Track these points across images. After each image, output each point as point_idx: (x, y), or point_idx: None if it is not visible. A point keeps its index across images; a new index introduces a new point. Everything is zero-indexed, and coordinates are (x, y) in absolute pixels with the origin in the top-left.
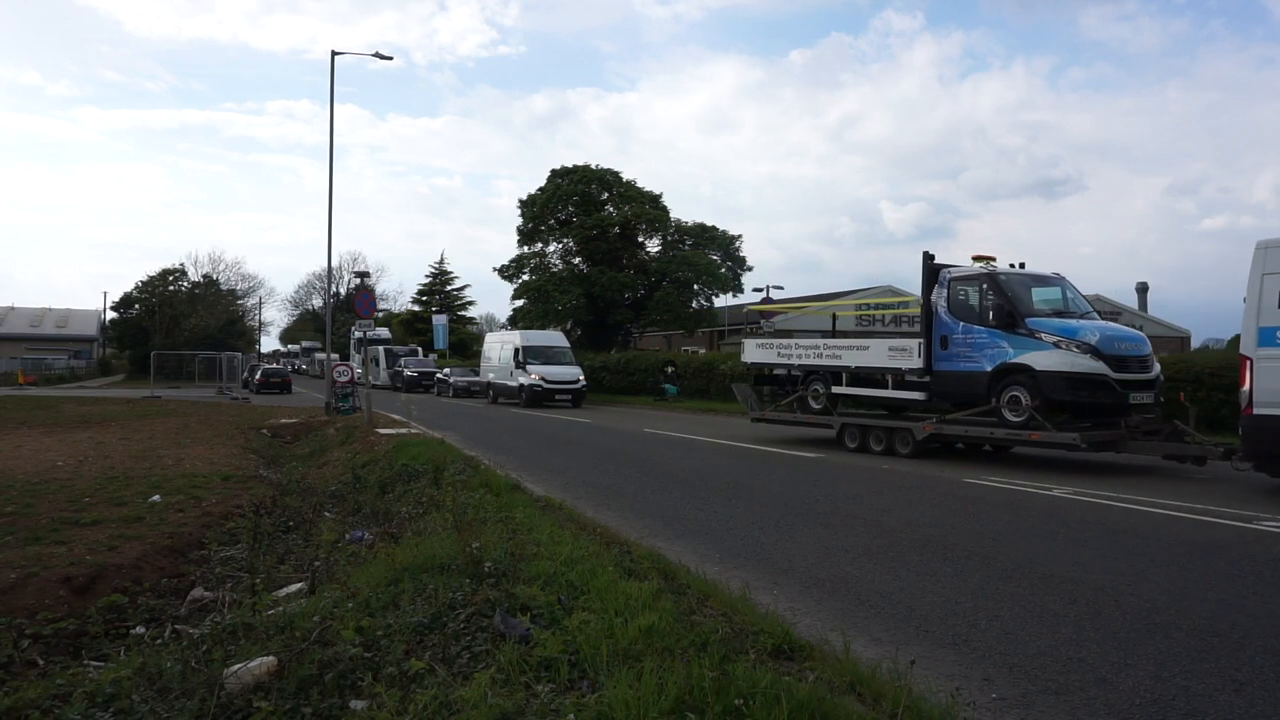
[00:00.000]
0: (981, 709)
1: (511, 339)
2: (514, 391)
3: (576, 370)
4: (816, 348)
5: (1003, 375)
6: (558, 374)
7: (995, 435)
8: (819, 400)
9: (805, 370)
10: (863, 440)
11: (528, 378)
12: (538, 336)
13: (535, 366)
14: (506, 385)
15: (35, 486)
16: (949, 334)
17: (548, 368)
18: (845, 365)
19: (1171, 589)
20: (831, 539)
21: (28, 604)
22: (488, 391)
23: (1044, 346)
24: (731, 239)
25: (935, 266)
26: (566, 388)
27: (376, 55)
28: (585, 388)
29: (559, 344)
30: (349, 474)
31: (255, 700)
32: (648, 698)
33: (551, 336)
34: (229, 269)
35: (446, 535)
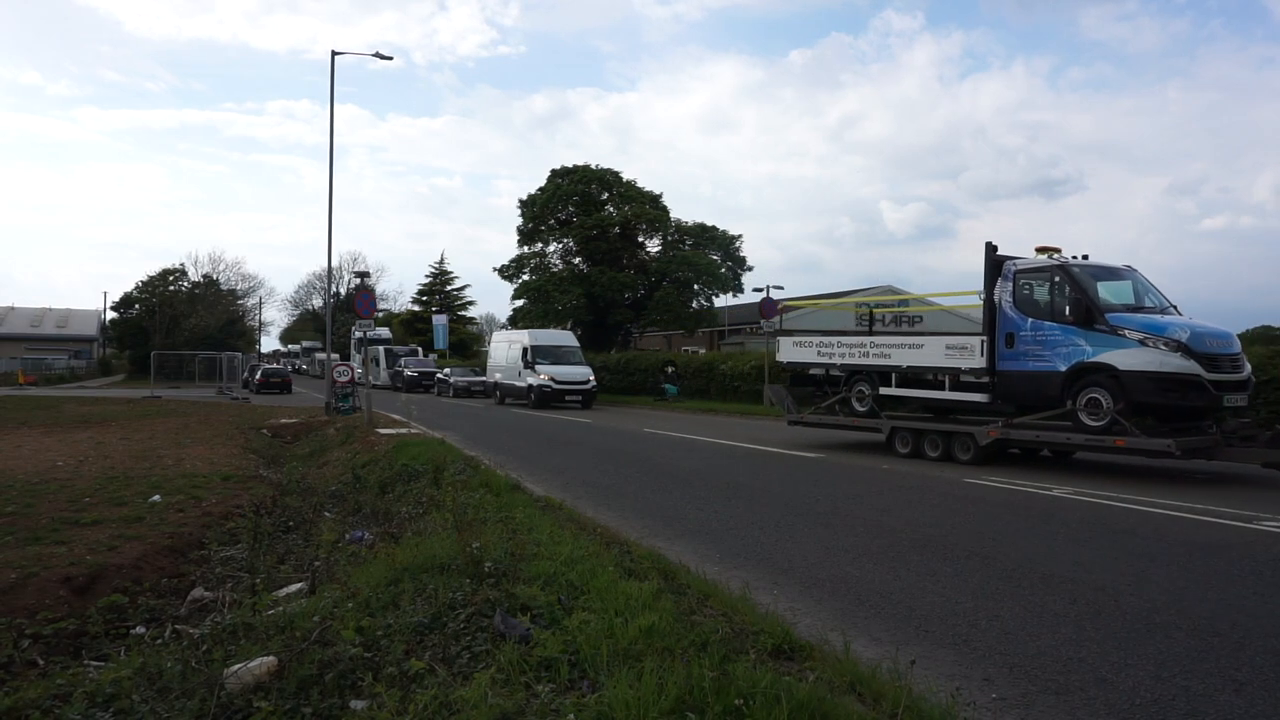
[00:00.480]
0: (981, 709)
1: (519, 338)
2: (522, 392)
3: (587, 370)
4: (862, 346)
5: (1079, 376)
6: (567, 374)
7: (1073, 441)
8: (864, 402)
9: (849, 370)
10: (916, 445)
11: (536, 378)
12: (547, 336)
13: (544, 366)
14: (514, 386)
15: (35, 486)
16: (1015, 331)
17: (557, 368)
18: (895, 365)
19: (1171, 589)
20: (831, 539)
21: (28, 604)
22: (494, 392)
23: (1128, 344)
24: (731, 239)
25: (998, 258)
26: (577, 388)
27: (377, 55)
28: (596, 388)
29: (569, 343)
30: (349, 474)
31: (255, 700)
32: (648, 698)
33: (561, 336)
34: (229, 269)
35: (446, 535)
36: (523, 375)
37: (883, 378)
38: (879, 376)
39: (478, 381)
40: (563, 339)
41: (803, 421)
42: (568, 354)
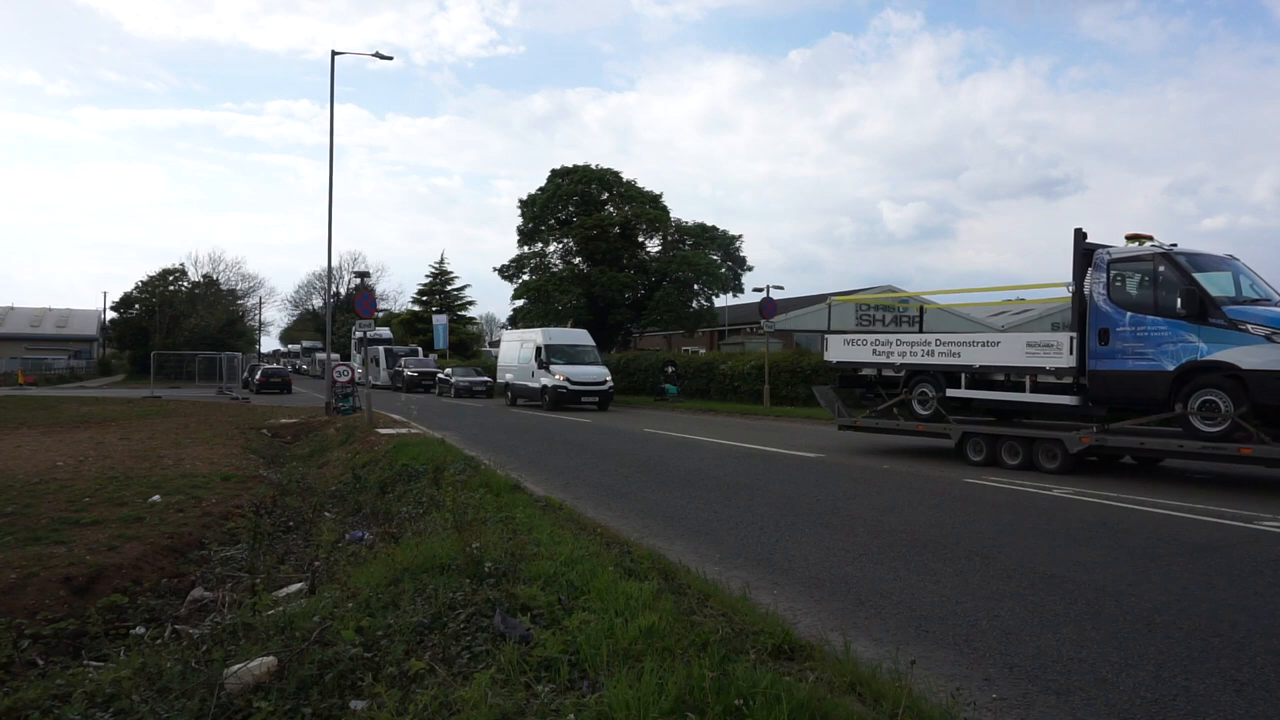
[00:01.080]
0: (982, 709)
1: (532, 337)
2: (535, 393)
3: (603, 371)
4: (927, 344)
5: (1190, 376)
6: (583, 375)
7: (1186, 449)
8: (927, 405)
9: (910, 370)
10: (991, 452)
11: (551, 379)
12: (561, 335)
13: (559, 367)
14: (527, 386)
15: (35, 486)
16: (1111, 326)
17: (573, 368)
18: (965, 365)
19: (1171, 589)
20: (831, 539)
21: (28, 604)
22: (505, 393)
23: (1252, 340)
24: (732, 239)
25: (1088, 247)
26: (593, 389)
27: (377, 55)
28: (613, 389)
29: (584, 343)
30: (349, 474)
31: (255, 700)
32: (648, 698)
33: (576, 334)
34: (229, 269)
35: (446, 535)
36: (536, 376)
37: (949, 378)
38: (945, 377)
39: (480, 381)
40: (578, 338)
41: (856, 426)
42: (583, 354)
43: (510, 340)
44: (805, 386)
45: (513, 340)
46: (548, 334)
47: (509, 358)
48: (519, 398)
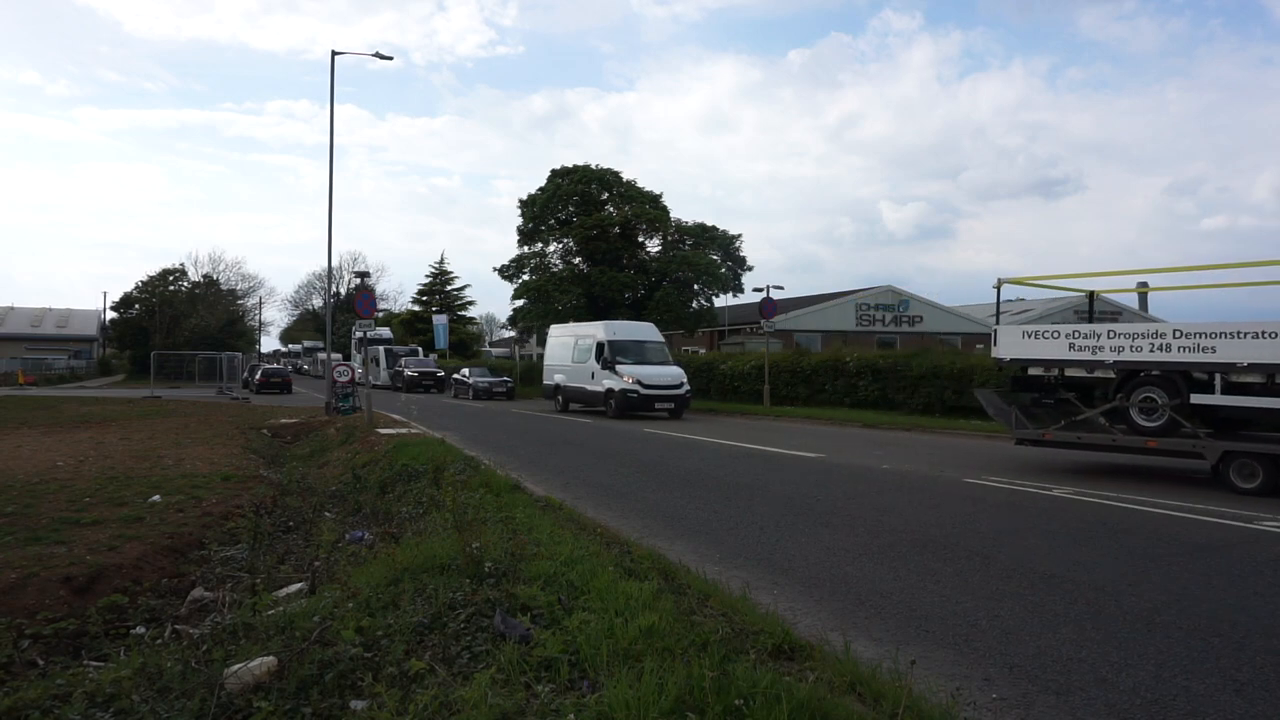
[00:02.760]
0: (982, 709)
1: (591, 332)
2: (596, 397)
3: (678, 372)
4: (1159, 336)
5: None
6: (656, 376)
7: None
8: (1155, 415)
9: (1128, 369)
10: (1272, 477)
11: (618, 381)
12: (626, 329)
13: (628, 367)
14: (584, 390)
15: (35, 486)
16: None
17: (643, 368)
18: (1221, 362)
19: (1171, 589)
20: (831, 539)
21: (28, 604)
22: (554, 397)
23: None
24: (731, 239)
25: None
26: (668, 394)
27: (377, 55)
28: (690, 394)
29: (653, 338)
30: (349, 474)
31: (255, 700)
32: (648, 698)
33: (642, 329)
34: (229, 269)
35: (446, 535)
36: (597, 378)
37: (1188, 380)
38: (1182, 379)
39: (501, 382)
40: (646, 332)
41: (1045, 441)
42: (653, 351)
43: (561, 336)
44: (805, 386)
45: (564, 336)
46: (610, 328)
47: (559, 356)
48: (572, 402)
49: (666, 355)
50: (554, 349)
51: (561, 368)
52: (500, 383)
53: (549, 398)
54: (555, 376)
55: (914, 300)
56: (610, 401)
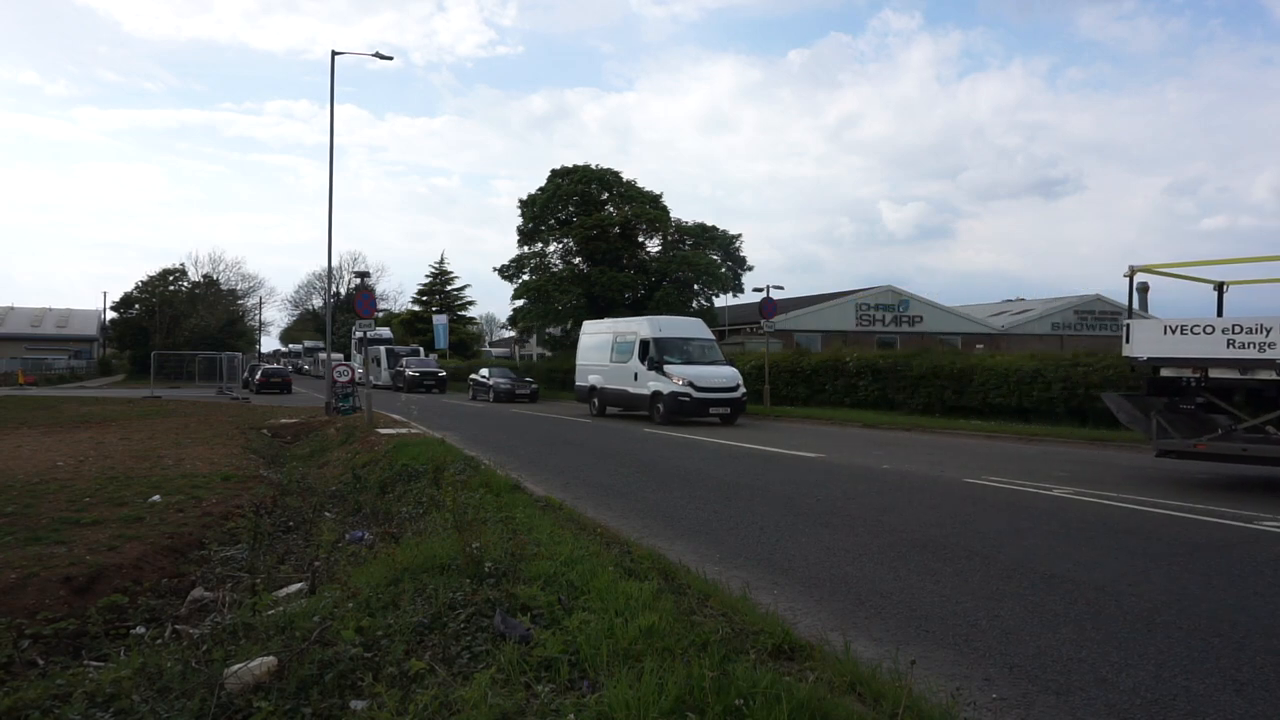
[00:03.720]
0: (982, 709)
1: (633, 328)
2: (638, 401)
3: (733, 372)
4: None
5: None
6: (710, 378)
7: None
8: None
9: None
10: None
11: (667, 383)
12: (674, 324)
13: (677, 367)
14: (625, 393)
15: (35, 486)
16: None
17: (695, 369)
18: None
19: (1171, 589)
20: (831, 539)
21: (28, 604)
22: (589, 400)
23: None
24: (731, 239)
25: None
26: (724, 398)
27: (377, 55)
28: (746, 397)
29: (702, 335)
30: (349, 474)
31: (255, 700)
32: (648, 698)
33: (692, 325)
34: (229, 269)
35: (446, 535)
36: (641, 379)
37: None
38: None
39: (524, 383)
40: (695, 329)
41: (1197, 453)
42: (704, 349)
43: (597, 333)
44: (805, 386)
45: (600, 333)
46: (655, 323)
47: (594, 355)
48: (610, 405)
49: (718, 353)
50: (589, 347)
51: (598, 368)
52: (523, 384)
53: (582, 400)
54: (590, 377)
55: (914, 300)
56: (657, 406)
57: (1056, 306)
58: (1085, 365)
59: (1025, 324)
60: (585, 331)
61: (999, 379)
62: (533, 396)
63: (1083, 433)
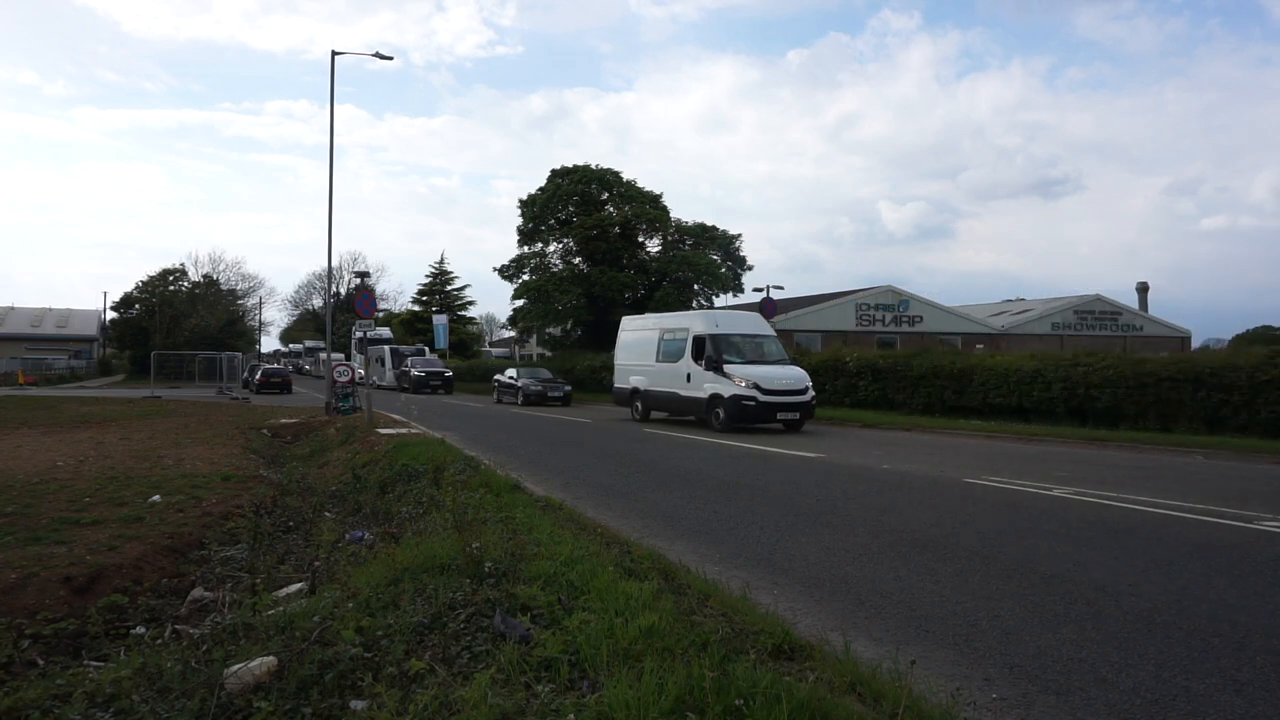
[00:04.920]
0: (982, 709)
1: (684, 324)
2: (691, 405)
3: (801, 373)
4: None
5: None
6: (777, 379)
7: None
8: None
9: None
10: None
11: (727, 384)
12: (732, 320)
13: (738, 367)
14: (675, 396)
15: (35, 486)
16: None
17: (758, 369)
18: None
19: (1171, 589)
20: (831, 539)
21: (28, 604)
22: (631, 403)
23: None
24: (731, 239)
25: None
26: (793, 401)
27: (377, 55)
28: (815, 400)
29: (764, 331)
30: (349, 474)
31: (255, 700)
32: (648, 698)
33: (751, 320)
34: (229, 269)
35: (447, 535)
36: (695, 380)
37: None
38: None
39: (556, 384)
40: (754, 324)
41: None
42: (766, 347)
43: (639, 330)
44: None
45: (642, 330)
46: (711, 318)
47: (637, 354)
48: (656, 409)
49: (782, 351)
50: (630, 345)
51: (640, 368)
52: (555, 386)
53: (622, 404)
54: (632, 379)
55: (914, 300)
56: (716, 411)
57: (1056, 306)
58: (1085, 365)
59: (1025, 324)
60: (625, 329)
61: (999, 379)
62: (565, 400)
63: (1083, 433)
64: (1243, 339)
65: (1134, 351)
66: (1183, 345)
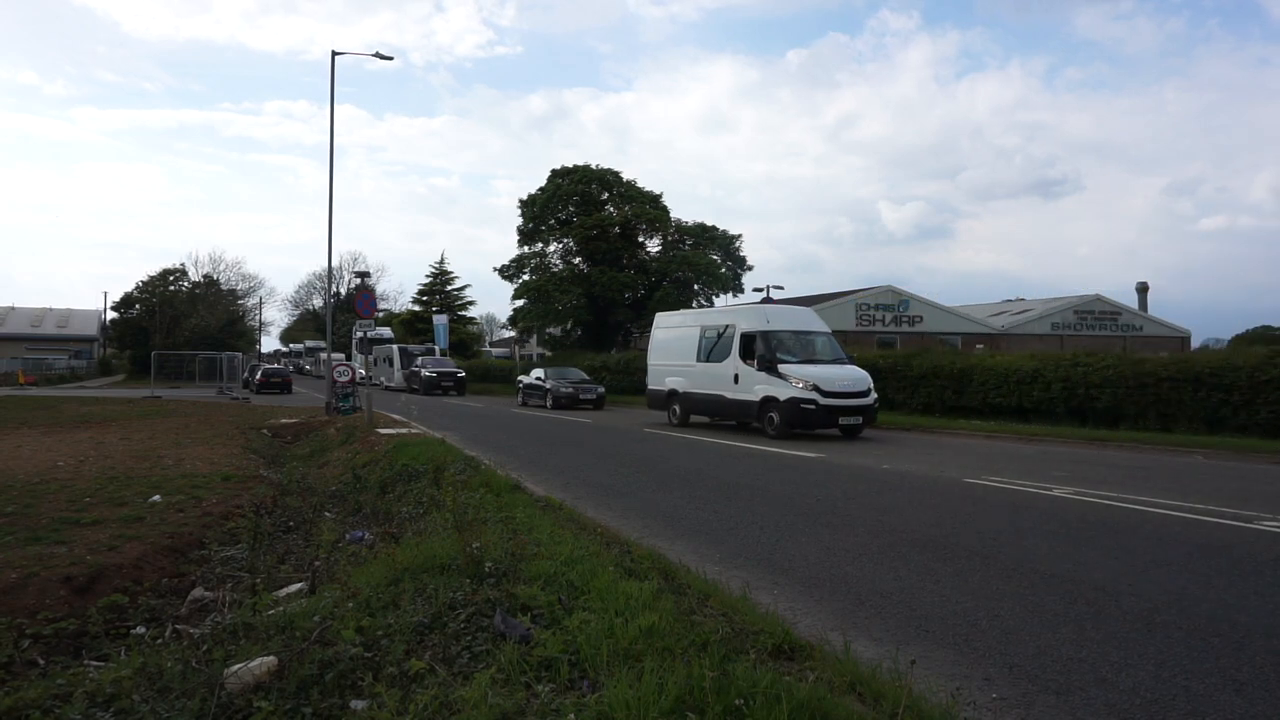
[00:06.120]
0: (982, 709)
1: (730, 320)
2: (740, 409)
3: (863, 374)
4: None
5: None
6: (838, 380)
7: None
8: None
9: None
10: None
11: (784, 386)
12: (784, 315)
13: (794, 367)
14: (721, 399)
15: (35, 486)
16: None
17: (816, 369)
18: None
19: (1171, 589)
20: (831, 539)
21: (28, 604)
22: (666, 406)
23: None
24: (731, 239)
25: None
26: (855, 404)
27: (377, 55)
28: (878, 404)
29: (819, 328)
30: (349, 474)
31: (255, 700)
32: (648, 698)
33: (804, 315)
34: (229, 269)
35: (447, 535)
36: (744, 382)
37: None
38: None
39: (588, 387)
40: (808, 320)
41: None
42: (823, 345)
43: (678, 326)
44: None
45: (680, 327)
46: (761, 314)
47: (675, 352)
48: (697, 413)
49: (840, 349)
50: (666, 344)
51: (679, 369)
52: (588, 388)
53: (656, 407)
54: (669, 380)
55: (914, 300)
56: (770, 415)
57: (1056, 306)
58: (1085, 365)
59: (1025, 324)
60: (659, 326)
61: (999, 379)
62: (598, 403)
63: (1083, 433)
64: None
65: (1134, 351)
66: (1182, 345)
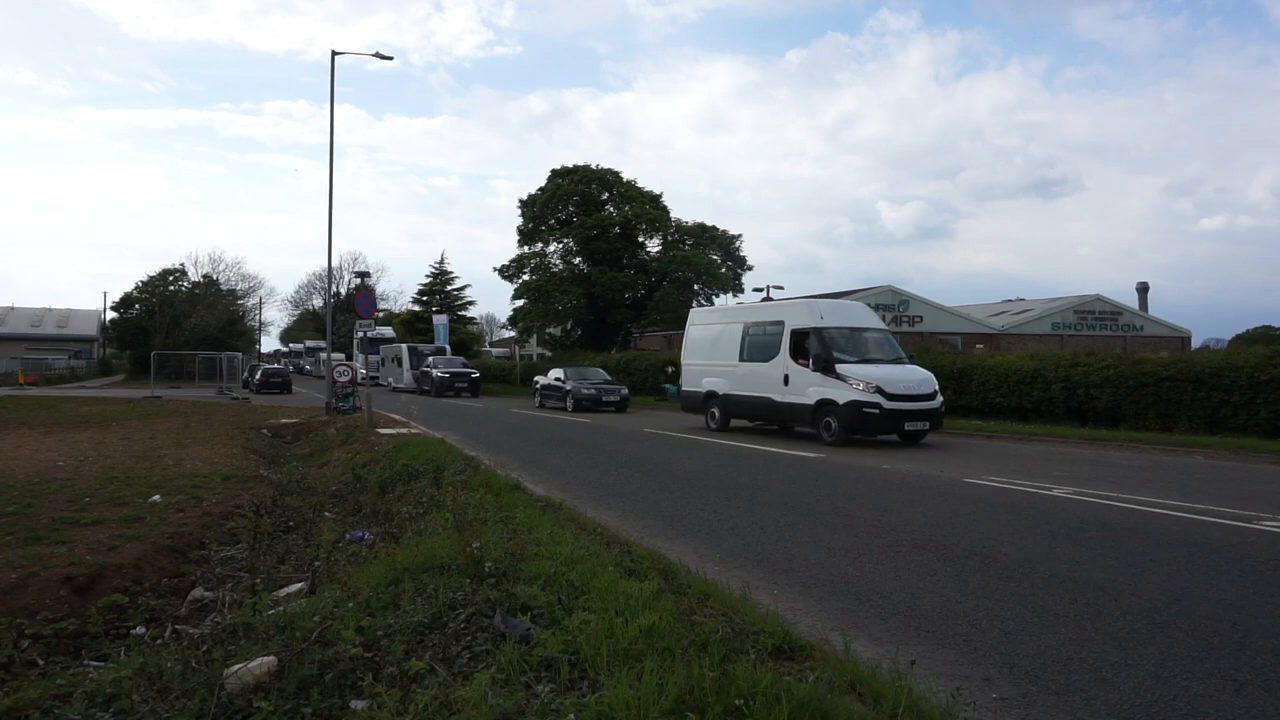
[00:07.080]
0: (982, 709)
1: (777, 315)
2: (794, 413)
3: (928, 375)
4: None
5: None
6: (902, 381)
7: None
8: None
9: None
10: None
11: (842, 388)
12: (839, 311)
13: (853, 367)
14: (769, 402)
15: (35, 486)
16: None
17: (877, 369)
18: None
19: (1171, 589)
20: (832, 539)
21: (28, 604)
22: (704, 408)
23: None
24: (731, 239)
25: None
26: (922, 408)
27: (377, 55)
28: (944, 408)
29: (873, 324)
30: (349, 474)
31: (255, 700)
32: (648, 698)
33: (859, 311)
34: (229, 269)
35: (447, 535)
36: (795, 383)
37: None
38: None
39: (612, 388)
40: (865, 316)
41: None
42: (882, 344)
43: (715, 324)
44: None
45: (720, 324)
46: (814, 309)
47: (716, 352)
48: (739, 417)
49: (898, 348)
50: (703, 343)
51: (719, 369)
52: (611, 389)
53: (692, 410)
54: (707, 381)
55: (914, 300)
56: (826, 420)
57: (1056, 306)
58: (1085, 365)
59: (1025, 324)
60: (695, 322)
61: (999, 379)
62: (622, 405)
63: (1083, 433)
64: (1242, 339)
65: (1134, 351)
66: (1182, 345)
